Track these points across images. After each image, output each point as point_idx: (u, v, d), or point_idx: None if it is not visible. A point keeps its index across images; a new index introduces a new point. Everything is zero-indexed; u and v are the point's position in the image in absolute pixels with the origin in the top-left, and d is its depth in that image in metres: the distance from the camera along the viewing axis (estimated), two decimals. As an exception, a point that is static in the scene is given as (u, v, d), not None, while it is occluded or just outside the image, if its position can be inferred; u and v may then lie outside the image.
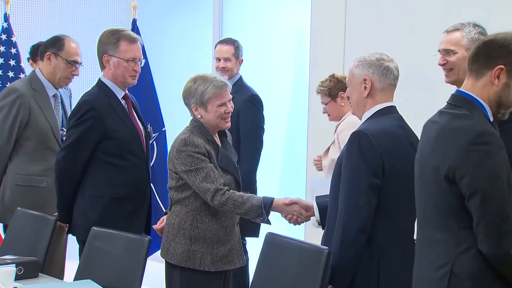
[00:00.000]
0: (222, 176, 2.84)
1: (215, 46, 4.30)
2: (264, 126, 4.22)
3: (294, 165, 4.44)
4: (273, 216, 2.88)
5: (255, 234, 4.06)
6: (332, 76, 3.56)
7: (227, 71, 4.11)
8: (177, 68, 5.75)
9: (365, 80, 2.56)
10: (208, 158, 2.82)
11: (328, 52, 4.44)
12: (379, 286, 2.45)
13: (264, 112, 4.23)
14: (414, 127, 2.73)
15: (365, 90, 2.56)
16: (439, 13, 3.89)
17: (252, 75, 5.14)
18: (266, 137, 4.75)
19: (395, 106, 2.62)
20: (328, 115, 3.64)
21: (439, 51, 2.94)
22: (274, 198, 2.84)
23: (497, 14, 3.60)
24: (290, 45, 5.13)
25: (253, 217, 2.82)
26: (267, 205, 2.79)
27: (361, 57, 2.62)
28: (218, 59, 4.18)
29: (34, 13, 5.64)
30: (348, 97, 2.69)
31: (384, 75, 2.56)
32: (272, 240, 2.80)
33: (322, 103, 3.65)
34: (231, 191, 2.81)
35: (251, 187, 4.02)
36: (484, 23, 2.91)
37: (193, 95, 2.87)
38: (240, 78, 4.20)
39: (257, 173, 4.21)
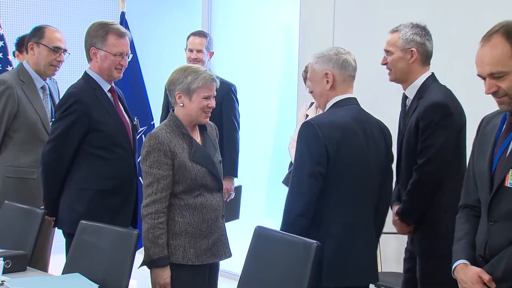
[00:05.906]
0: (193, 168, 2.79)
1: (188, 38, 4.39)
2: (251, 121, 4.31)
3: (282, 161, 4.45)
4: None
5: (236, 216, 4.26)
6: None
7: (198, 62, 4.20)
8: (166, 61, 5.73)
9: (326, 74, 2.68)
10: (171, 157, 2.76)
11: (317, 47, 4.42)
12: (322, 268, 2.58)
13: (253, 108, 4.26)
14: (387, 121, 2.82)
15: (327, 83, 2.69)
16: (426, 7, 3.90)
17: (240, 71, 5.15)
18: (254, 133, 4.75)
19: (354, 98, 2.72)
20: None
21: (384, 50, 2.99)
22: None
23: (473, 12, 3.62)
24: (278, 40, 5.12)
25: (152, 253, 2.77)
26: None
27: (319, 53, 2.75)
28: (191, 50, 4.31)
29: (21, 6, 5.60)
30: (312, 91, 2.79)
31: (344, 67, 2.68)
32: (261, 234, 2.80)
33: None
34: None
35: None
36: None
37: (181, 82, 2.84)
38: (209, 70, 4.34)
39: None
